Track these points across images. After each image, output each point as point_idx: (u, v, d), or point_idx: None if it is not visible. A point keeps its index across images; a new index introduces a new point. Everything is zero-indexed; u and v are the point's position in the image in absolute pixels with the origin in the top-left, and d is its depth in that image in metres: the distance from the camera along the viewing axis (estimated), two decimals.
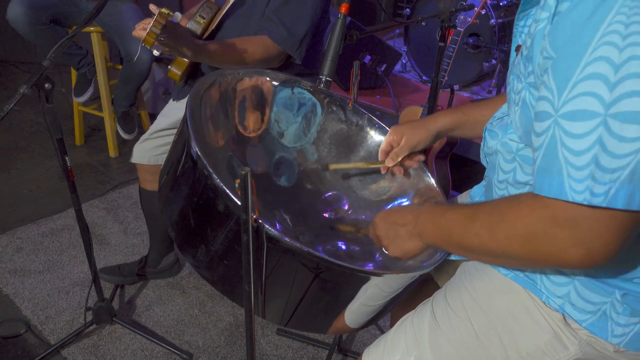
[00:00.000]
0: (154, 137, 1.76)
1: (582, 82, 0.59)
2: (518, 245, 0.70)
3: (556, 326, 0.83)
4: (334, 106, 1.31)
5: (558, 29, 0.62)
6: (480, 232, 0.75)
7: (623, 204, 0.59)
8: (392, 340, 0.99)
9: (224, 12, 1.58)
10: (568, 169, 0.61)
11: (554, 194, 0.62)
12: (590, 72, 0.58)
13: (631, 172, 0.58)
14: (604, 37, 0.57)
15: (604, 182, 0.59)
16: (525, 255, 0.70)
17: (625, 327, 0.79)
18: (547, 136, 0.63)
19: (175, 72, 1.60)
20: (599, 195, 0.59)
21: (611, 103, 0.57)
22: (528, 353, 0.86)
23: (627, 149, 0.57)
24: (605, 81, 0.57)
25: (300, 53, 1.55)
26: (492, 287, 0.91)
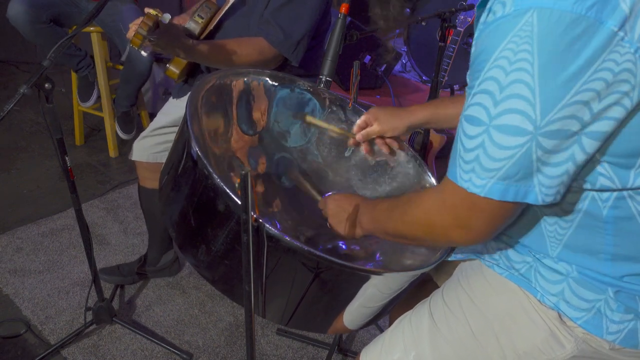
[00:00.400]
0: (153, 134, 1.76)
1: (478, 94, 0.69)
2: (420, 229, 0.84)
3: (552, 324, 0.84)
4: (334, 106, 1.31)
5: (478, 38, 0.72)
6: (396, 219, 0.89)
7: (498, 196, 0.71)
8: (389, 339, 0.99)
9: (224, 12, 1.58)
10: (460, 161, 0.74)
11: (451, 177, 0.76)
12: (483, 87, 0.68)
13: (505, 173, 0.69)
14: (496, 60, 0.66)
15: (482, 177, 0.71)
16: (425, 237, 0.84)
17: (620, 324, 0.80)
18: (457, 130, 0.76)
19: (173, 70, 1.60)
20: (477, 186, 0.71)
21: (495, 116, 0.68)
22: (525, 352, 0.86)
23: (503, 154, 0.68)
24: (492, 97, 0.67)
25: (296, 56, 1.54)
26: (488, 286, 0.92)
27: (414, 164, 1.27)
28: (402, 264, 1.11)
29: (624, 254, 0.78)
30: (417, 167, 1.26)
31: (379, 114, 1.22)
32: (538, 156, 0.67)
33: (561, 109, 0.64)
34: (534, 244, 0.86)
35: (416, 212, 0.84)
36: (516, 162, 0.68)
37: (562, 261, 0.83)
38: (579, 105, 0.64)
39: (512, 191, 0.70)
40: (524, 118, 0.65)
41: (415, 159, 1.27)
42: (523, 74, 0.64)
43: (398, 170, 1.29)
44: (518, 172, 0.69)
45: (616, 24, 0.61)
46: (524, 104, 0.65)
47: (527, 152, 0.67)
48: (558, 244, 0.83)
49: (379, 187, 1.30)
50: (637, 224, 0.76)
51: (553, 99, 0.64)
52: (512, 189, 0.70)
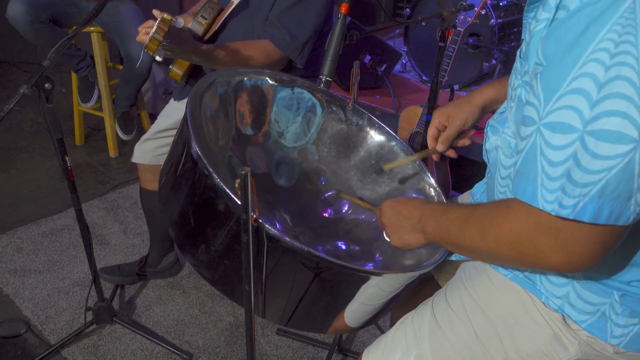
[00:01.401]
0: (155, 137, 1.76)
1: (567, 95, 0.60)
2: (505, 248, 0.72)
3: (556, 327, 0.83)
4: (334, 106, 1.31)
5: (552, 36, 0.63)
6: (472, 234, 0.77)
7: (589, 218, 0.61)
8: (392, 339, 0.99)
9: (227, 13, 1.58)
10: (543, 178, 0.63)
11: (527, 199, 0.65)
12: (575, 86, 0.59)
13: (601, 189, 0.59)
14: (593, 53, 0.57)
15: (573, 195, 0.61)
16: (512, 258, 0.73)
17: (625, 328, 0.79)
18: (529, 142, 0.65)
19: (176, 72, 1.60)
20: (567, 207, 0.61)
21: (590, 120, 0.58)
22: (528, 354, 0.85)
23: (599, 165, 0.59)
24: (587, 97, 0.58)
25: (302, 58, 1.55)
26: (492, 287, 0.91)
27: (413, 164, 1.27)
28: (402, 264, 1.11)
29: (635, 260, 0.77)
30: (416, 168, 1.26)
31: (448, 112, 1.11)
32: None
33: None
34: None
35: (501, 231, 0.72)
36: (616, 174, 0.58)
37: None
38: None
39: (606, 212, 0.60)
40: (627, 122, 0.56)
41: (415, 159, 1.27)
42: (626, 69, 0.55)
43: (398, 170, 1.29)
44: (617, 186, 0.59)
45: None
46: (628, 105, 0.56)
47: (630, 164, 0.57)
48: None
49: (379, 187, 1.30)
50: None
51: None
52: (606, 209, 0.60)
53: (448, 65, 2.24)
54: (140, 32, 1.33)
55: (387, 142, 1.30)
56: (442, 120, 1.11)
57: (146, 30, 1.30)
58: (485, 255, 0.80)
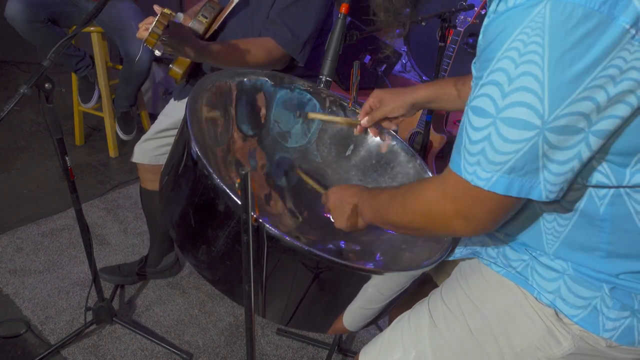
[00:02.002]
0: (155, 137, 1.76)
1: (486, 85, 0.68)
2: (420, 218, 0.82)
3: (549, 322, 0.84)
4: (334, 106, 1.31)
5: (486, 29, 0.71)
6: (397, 209, 0.87)
7: (502, 191, 0.70)
8: (388, 339, 0.99)
9: (228, 12, 1.58)
10: (464, 153, 0.73)
11: (454, 169, 0.74)
12: (492, 78, 0.67)
13: (511, 167, 0.68)
14: (506, 51, 0.65)
15: (487, 170, 0.70)
16: (426, 226, 0.83)
17: (616, 322, 0.80)
18: (463, 119, 0.74)
19: (176, 71, 1.60)
20: (482, 179, 0.71)
21: (502, 108, 0.67)
22: (522, 349, 0.86)
23: (509, 148, 0.68)
24: (500, 89, 0.66)
25: (303, 56, 1.55)
26: (485, 284, 0.92)
27: (414, 163, 1.27)
28: (402, 264, 1.11)
29: (619, 251, 0.79)
30: (417, 167, 1.26)
31: (383, 95, 1.21)
32: (544, 151, 0.67)
33: (569, 105, 0.64)
34: (531, 240, 0.87)
35: (417, 201, 0.82)
36: (522, 156, 0.67)
37: (558, 258, 0.83)
38: (586, 102, 0.63)
39: (516, 186, 0.69)
40: (531, 112, 0.65)
41: (416, 159, 1.27)
42: (533, 66, 0.63)
43: (398, 170, 1.29)
44: (524, 166, 0.68)
45: (628, 21, 0.60)
46: (532, 98, 0.64)
47: (534, 147, 0.66)
48: (555, 241, 0.83)
49: (379, 187, 1.30)
50: (633, 222, 0.76)
51: (562, 94, 0.63)
52: (516, 184, 0.69)
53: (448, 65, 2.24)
54: (140, 28, 1.33)
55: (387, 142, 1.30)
56: (376, 101, 1.22)
57: (146, 26, 1.30)
58: (407, 227, 0.88)
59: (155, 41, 1.22)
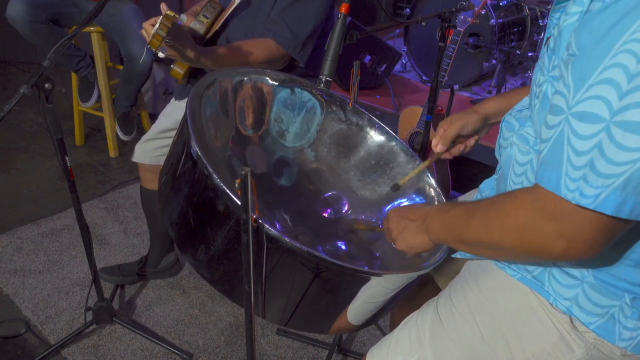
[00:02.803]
0: (156, 137, 1.76)
1: (597, 85, 0.60)
2: (510, 236, 0.72)
3: (562, 328, 0.83)
4: (334, 106, 1.31)
5: (586, 27, 0.63)
6: (478, 226, 0.77)
7: (611, 211, 0.60)
8: (396, 340, 0.98)
9: (229, 12, 1.58)
10: (567, 167, 0.63)
11: (551, 188, 0.65)
12: (606, 76, 0.59)
13: (625, 181, 0.59)
14: (625, 44, 0.57)
15: (596, 185, 0.60)
16: (516, 247, 0.72)
17: (633, 331, 0.79)
18: (556, 131, 0.65)
19: (177, 71, 1.59)
20: (588, 197, 0.61)
21: (618, 110, 0.58)
22: (534, 354, 0.85)
23: (624, 157, 0.59)
24: (616, 88, 0.58)
25: (303, 56, 1.55)
26: (498, 287, 0.90)
27: (413, 164, 1.27)
28: (402, 265, 1.11)
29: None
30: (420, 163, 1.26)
31: (451, 117, 1.15)
32: None
33: None
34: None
35: (507, 219, 0.72)
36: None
37: (579, 265, 0.80)
38: None
39: (629, 204, 0.60)
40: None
41: (415, 160, 1.27)
42: None
43: (397, 170, 1.29)
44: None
45: None
46: None
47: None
48: None
49: (378, 187, 1.30)
50: None
51: None
52: (630, 202, 0.59)
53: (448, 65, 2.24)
54: (144, 28, 1.33)
55: (387, 142, 1.30)
56: (445, 125, 1.14)
57: (151, 23, 1.30)
58: (490, 247, 0.78)
59: (159, 43, 1.22)
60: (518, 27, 3.06)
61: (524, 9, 3.13)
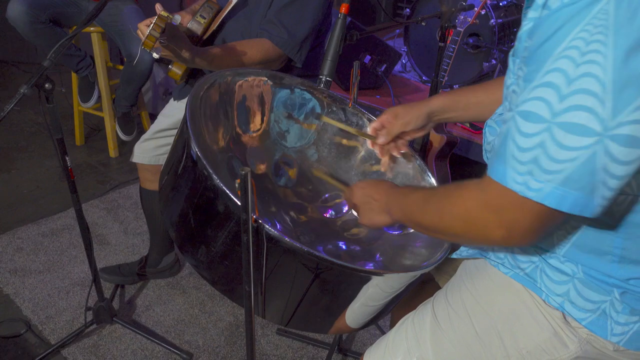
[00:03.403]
0: (155, 137, 1.76)
1: (539, 87, 0.64)
2: (459, 225, 0.78)
3: (556, 324, 0.84)
4: (334, 106, 1.31)
5: (535, 33, 0.66)
6: (432, 212, 0.84)
7: (554, 204, 0.65)
8: (393, 340, 0.99)
9: (226, 12, 1.58)
10: (512, 162, 0.67)
11: (498, 178, 0.69)
12: (548, 80, 0.63)
13: (566, 177, 0.63)
14: (565, 50, 0.61)
15: (540, 180, 0.65)
16: (464, 234, 0.79)
17: (625, 326, 0.79)
18: (507, 126, 0.70)
19: (175, 71, 1.60)
20: (533, 189, 0.65)
21: (559, 112, 0.62)
22: (528, 351, 0.86)
23: (565, 155, 0.63)
24: (557, 91, 0.62)
25: (300, 56, 1.54)
26: (492, 285, 0.91)
27: (414, 164, 1.27)
28: (402, 264, 1.11)
29: (632, 257, 0.78)
30: (416, 167, 1.26)
31: (397, 110, 1.16)
32: (604, 164, 0.61)
33: (634, 111, 0.59)
34: (542, 241, 0.85)
35: (455, 207, 0.78)
36: (580, 166, 0.62)
37: (568, 261, 0.82)
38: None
39: (570, 200, 0.64)
40: (591, 116, 0.60)
41: (415, 159, 1.27)
42: (595, 67, 0.59)
43: (398, 170, 1.29)
44: (580, 178, 0.63)
45: None
46: (593, 101, 0.59)
47: (593, 156, 0.61)
48: (567, 243, 0.82)
49: None
50: None
51: (626, 98, 0.58)
52: (570, 197, 0.64)
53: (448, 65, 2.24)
54: (139, 28, 1.32)
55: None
56: (390, 117, 1.17)
57: (147, 24, 1.30)
58: (443, 232, 0.84)
59: (152, 44, 1.21)
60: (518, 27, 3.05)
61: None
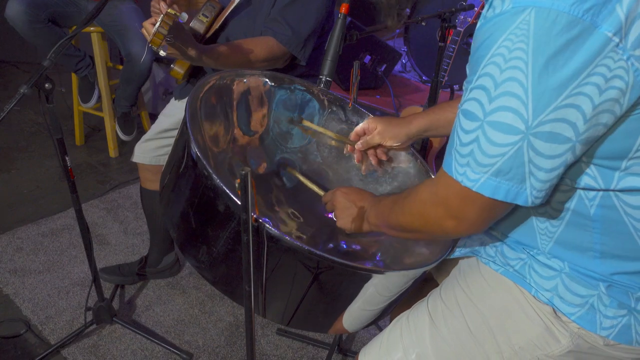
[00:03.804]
0: (156, 137, 1.76)
1: (475, 89, 0.70)
2: (416, 220, 0.84)
3: (547, 319, 0.85)
4: (334, 106, 1.31)
5: (475, 39, 0.73)
6: (397, 212, 0.89)
7: (489, 193, 0.72)
8: (387, 339, 1.00)
9: (229, 11, 1.58)
10: (455, 154, 0.75)
11: (446, 169, 0.77)
12: (480, 83, 0.69)
13: (497, 170, 0.70)
14: (492, 57, 0.67)
15: (476, 171, 0.72)
16: (423, 228, 0.84)
17: (614, 320, 0.81)
18: (455, 124, 0.76)
19: (178, 71, 1.59)
20: (471, 180, 0.72)
21: (489, 112, 0.69)
22: (521, 347, 0.87)
23: (495, 151, 0.69)
24: (487, 93, 0.68)
25: (304, 54, 1.55)
26: (484, 283, 0.93)
27: (414, 163, 1.27)
28: (402, 264, 1.11)
29: (612, 252, 0.80)
30: (417, 167, 1.26)
31: (379, 123, 1.22)
32: (530, 158, 0.68)
33: (553, 111, 0.65)
34: (526, 239, 0.88)
35: (412, 204, 0.85)
36: (508, 159, 0.69)
37: (554, 257, 0.84)
38: (571, 109, 0.65)
39: (503, 189, 0.71)
40: (516, 117, 0.66)
41: (416, 159, 1.27)
42: (517, 72, 0.65)
43: (399, 169, 1.29)
44: (510, 170, 0.70)
45: (611, 29, 0.61)
46: (517, 103, 0.66)
47: (519, 151, 0.68)
48: (549, 241, 0.84)
49: (380, 186, 1.30)
50: (624, 224, 0.77)
51: (545, 100, 0.64)
52: (503, 187, 0.71)
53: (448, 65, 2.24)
54: (144, 27, 1.32)
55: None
56: (372, 127, 1.22)
57: (152, 22, 1.29)
58: (406, 230, 0.89)
59: (160, 41, 1.21)
60: None
61: None
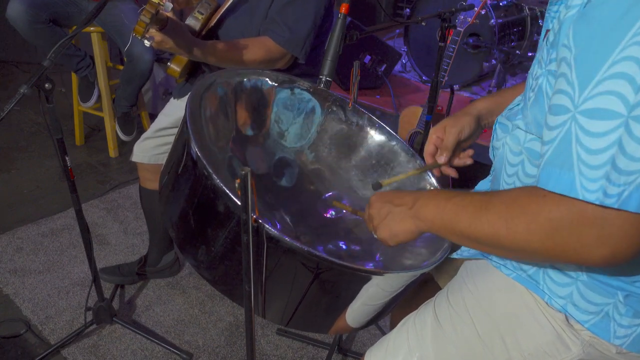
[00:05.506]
0: (155, 136, 1.76)
1: (607, 80, 0.57)
2: (538, 239, 0.66)
3: (558, 327, 0.83)
4: (334, 106, 1.31)
5: (586, 20, 0.60)
6: (495, 222, 0.71)
7: (635, 207, 0.58)
8: (394, 341, 0.98)
9: (225, 9, 1.57)
10: (580, 167, 0.60)
11: (561, 190, 0.61)
12: (617, 71, 0.56)
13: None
14: (635, 36, 0.55)
15: (618, 183, 0.58)
16: (543, 250, 0.67)
17: (628, 329, 0.79)
18: (561, 131, 0.62)
19: (174, 68, 1.58)
20: (611, 196, 0.58)
21: (635, 105, 0.56)
22: (530, 353, 0.85)
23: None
24: (631, 82, 0.56)
25: (304, 52, 1.54)
26: (494, 287, 0.90)
27: (414, 164, 1.27)
28: (402, 264, 1.11)
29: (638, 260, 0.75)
30: (417, 166, 1.26)
31: (443, 123, 1.06)
32: None
33: None
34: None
35: (534, 220, 0.66)
36: None
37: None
38: None
39: None
40: None
41: (416, 159, 1.27)
42: None
43: (398, 170, 1.29)
44: None
45: None
46: None
47: None
48: None
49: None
50: None
51: None
52: None
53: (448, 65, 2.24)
54: None
55: (387, 142, 1.30)
56: (439, 134, 1.06)
57: None
58: (506, 246, 0.71)
59: (142, 30, 1.20)
60: (518, 27, 3.06)
61: (524, 9, 3.14)
